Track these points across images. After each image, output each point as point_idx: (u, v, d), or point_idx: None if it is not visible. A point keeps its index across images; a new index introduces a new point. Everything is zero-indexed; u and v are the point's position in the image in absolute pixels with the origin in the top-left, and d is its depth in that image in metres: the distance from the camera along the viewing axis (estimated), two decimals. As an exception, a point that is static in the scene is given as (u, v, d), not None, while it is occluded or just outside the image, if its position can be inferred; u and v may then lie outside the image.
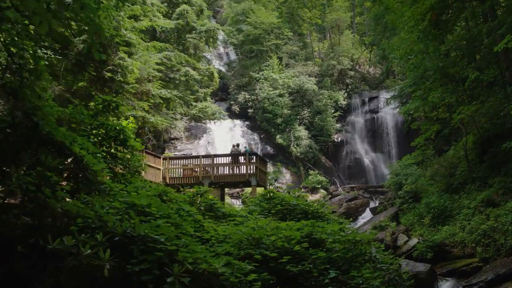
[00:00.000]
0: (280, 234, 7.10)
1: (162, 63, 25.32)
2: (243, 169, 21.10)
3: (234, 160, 21.58)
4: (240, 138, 44.53)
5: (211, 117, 33.24)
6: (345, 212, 29.49)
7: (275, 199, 12.02)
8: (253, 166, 21.03)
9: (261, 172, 21.54)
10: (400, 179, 26.11)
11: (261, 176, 21.51)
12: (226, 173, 21.22)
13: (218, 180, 21.23)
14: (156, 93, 21.80)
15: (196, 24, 29.52)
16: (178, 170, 22.03)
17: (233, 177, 21.19)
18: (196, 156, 22.81)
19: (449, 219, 19.76)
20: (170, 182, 21.29)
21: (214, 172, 21.25)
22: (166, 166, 21.77)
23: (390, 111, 42.21)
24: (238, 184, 22.30)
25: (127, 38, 19.41)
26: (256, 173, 20.76)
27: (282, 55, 50.07)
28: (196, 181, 21.13)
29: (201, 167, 21.36)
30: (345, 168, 43.13)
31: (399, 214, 24.55)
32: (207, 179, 20.96)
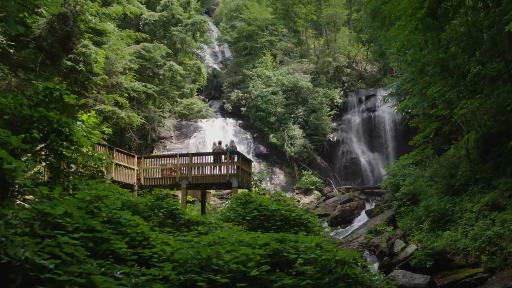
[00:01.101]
0: (238, 251, 5.53)
1: (141, 55, 23.70)
2: (224, 169, 19.51)
3: (215, 159, 20.01)
4: (232, 137, 43.02)
5: (197, 114, 31.64)
6: (339, 215, 27.93)
7: (252, 203, 10.44)
8: (234, 166, 19.45)
9: (244, 172, 19.95)
10: (398, 180, 24.56)
11: (244, 177, 19.93)
12: (206, 174, 19.60)
13: (197, 181, 19.57)
14: (129, 86, 20.13)
15: (182, 16, 27.88)
16: (155, 170, 20.42)
17: (212, 178, 19.56)
18: (172, 155, 21.13)
19: (450, 223, 18.18)
20: (146, 183, 19.71)
21: (192, 173, 19.62)
22: (141, 166, 20.17)
23: (388, 109, 40.91)
24: (218, 186, 20.69)
25: (93, 24, 17.78)
26: (238, 174, 19.15)
27: (276, 52, 48.55)
28: (173, 182, 19.54)
29: (178, 167, 19.74)
30: (341, 169, 41.71)
31: (396, 217, 22.99)
32: (185, 180, 19.32)
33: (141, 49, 23.18)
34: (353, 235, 24.15)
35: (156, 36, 28.47)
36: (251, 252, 5.41)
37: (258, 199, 10.62)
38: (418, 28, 19.00)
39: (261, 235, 6.93)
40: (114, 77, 19.49)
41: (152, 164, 20.51)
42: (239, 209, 10.40)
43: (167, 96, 27.37)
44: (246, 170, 20.16)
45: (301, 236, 6.52)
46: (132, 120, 21.58)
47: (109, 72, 19.45)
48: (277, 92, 43.34)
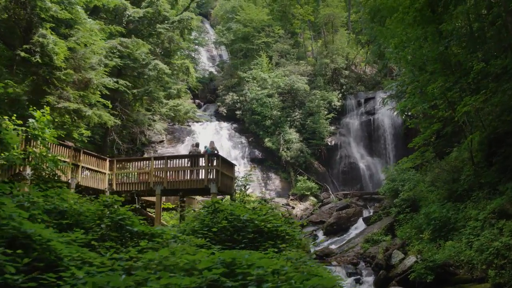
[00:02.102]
0: (165, 280, 4.04)
1: (120, 52, 22.22)
2: (202, 174, 17.93)
3: (192, 163, 18.42)
4: (226, 142, 41.72)
5: (184, 116, 30.10)
6: (335, 222, 26.37)
7: (221, 212, 8.93)
8: (213, 170, 17.80)
9: (224, 177, 18.40)
10: (396, 185, 23.02)
11: (225, 182, 18.37)
12: (182, 179, 18.02)
13: (172, 186, 17.97)
14: (98, 82, 18.59)
15: (168, 13, 26.47)
16: (128, 174, 18.89)
17: (189, 183, 17.91)
18: (146, 158, 19.61)
19: (453, 232, 16.63)
20: (118, 188, 18.18)
21: (167, 177, 18.09)
22: (113, 170, 18.62)
23: (388, 112, 39.42)
24: (195, 192, 19.12)
25: (53, 12, 16.26)
26: (217, 179, 17.53)
27: (272, 54, 47.16)
28: (147, 188, 18.01)
29: (153, 171, 18.20)
30: (339, 174, 40.23)
31: (395, 225, 21.46)
32: (159, 186, 17.74)
33: (118, 45, 21.72)
34: (349, 244, 22.63)
35: (143, 34, 27.07)
36: (178, 282, 3.91)
37: (228, 207, 9.10)
38: (417, 20, 17.59)
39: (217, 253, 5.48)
40: (82, 73, 17.99)
41: (125, 168, 18.99)
42: (207, 219, 8.89)
43: (152, 97, 25.84)
44: (227, 175, 18.58)
45: (260, 257, 5.00)
46: (104, 120, 20.07)
47: (77, 67, 18.00)
48: (272, 95, 41.94)
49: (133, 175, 18.73)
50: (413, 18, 17.08)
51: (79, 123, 19.37)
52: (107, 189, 17.90)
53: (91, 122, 19.30)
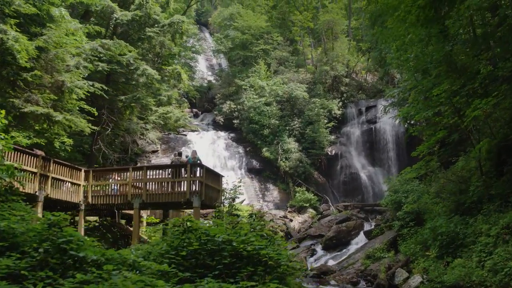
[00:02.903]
0: None
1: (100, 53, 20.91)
2: (184, 186, 16.45)
3: (174, 174, 16.93)
4: (223, 151, 40.49)
5: (175, 124, 28.80)
6: (334, 236, 24.90)
7: (193, 232, 7.57)
8: (196, 182, 16.33)
9: (209, 189, 16.94)
10: (399, 197, 21.59)
11: (210, 195, 16.89)
12: (162, 191, 16.57)
13: (152, 199, 16.56)
14: (72, 85, 17.23)
15: (159, 17, 25.28)
16: (107, 186, 17.49)
17: (170, 196, 16.43)
18: (123, 169, 18.13)
19: (461, 249, 15.18)
20: (94, 201, 16.81)
21: (146, 190, 16.70)
22: (89, 181, 17.24)
23: (389, 121, 38.14)
24: (177, 206, 17.68)
25: (16, 6, 14.93)
26: (201, 191, 16.05)
27: (271, 61, 46.00)
28: (125, 201, 16.60)
29: (131, 183, 16.82)
30: (340, 184, 38.87)
31: (398, 240, 20.00)
32: (138, 199, 16.35)
33: (99, 47, 20.45)
34: (349, 260, 21.17)
35: (133, 39, 25.88)
36: None
37: (202, 226, 7.73)
38: (420, 19, 16.27)
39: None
40: (55, 75, 16.69)
41: (102, 179, 17.59)
42: (176, 241, 7.52)
43: (141, 104, 24.56)
44: (212, 187, 17.13)
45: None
46: (81, 127, 18.76)
47: (49, 69, 16.72)
48: (271, 103, 40.73)
49: (110, 186, 17.32)
50: (416, 17, 15.79)
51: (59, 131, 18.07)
52: (81, 202, 16.55)
53: (61, 129, 17.95)
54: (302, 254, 23.61)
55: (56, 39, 16.60)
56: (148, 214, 19.71)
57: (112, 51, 20.97)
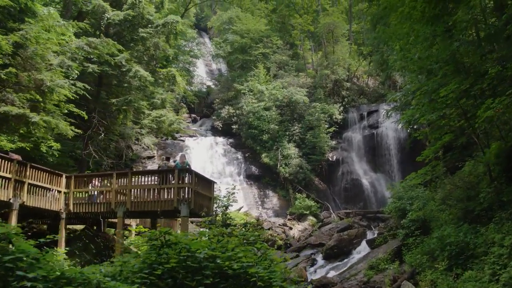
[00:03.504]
0: None
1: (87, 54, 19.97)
2: (171, 193, 15.25)
3: (161, 180, 15.77)
4: (221, 157, 39.54)
5: (169, 128, 27.81)
6: (336, 245, 23.81)
7: (172, 247, 6.56)
8: (185, 189, 15.18)
9: (200, 196, 15.81)
10: (404, 204, 20.51)
11: (200, 203, 15.73)
12: (148, 199, 15.46)
13: (137, 207, 15.47)
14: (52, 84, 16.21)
15: (152, 17, 24.38)
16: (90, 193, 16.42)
17: (156, 204, 15.24)
18: (107, 174, 17.00)
19: (472, 260, 14.13)
20: (76, 209, 15.78)
21: (131, 197, 15.65)
22: (71, 187, 16.20)
23: (392, 125, 37.28)
24: (165, 214, 16.56)
25: None
26: (190, 199, 14.88)
27: (270, 65, 45.09)
28: (108, 209, 15.55)
29: (114, 190, 15.79)
30: (341, 191, 37.83)
31: (403, 249, 18.91)
32: (122, 207, 15.29)
33: (86, 45, 19.50)
34: (351, 271, 20.10)
35: (126, 40, 24.96)
36: None
37: (183, 240, 6.71)
38: (425, 15, 15.31)
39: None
40: (33, 73, 15.72)
41: (83, 185, 16.53)
42: (151, 257, 6.50)
43: (133, 107, 23.59)
44: (203, 194, 16.04)
45: None
46: (62, 130, 17.76)
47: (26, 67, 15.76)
48: (270, 108, 39.81)
49: (94, 193, 16.26)
50: (421, 13, 14.85)
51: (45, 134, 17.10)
52: (62, 210, 15.53)
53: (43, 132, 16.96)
54: (302, 264, 22.56)
55: (35, 35, 15.63)
56: (137, 222, 18.70)
57: (99, 50, 20.02)
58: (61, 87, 16.66)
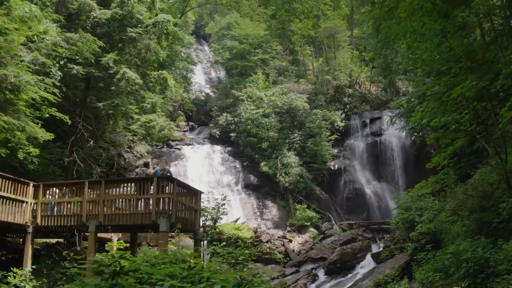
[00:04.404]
0: None
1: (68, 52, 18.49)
2: (150, 205, 13.37)
3: (140, 190, 13.87)
4: (218, 166, 38.03)
5: (159, 134, 26.31)
6: (338, 260, 22.21)
7: (128, 276, 5.03)
8: (165, 200, 13.28)
9: (182, 209, 14.05)
10: (412, 215, 18.92)
11: (183, 216, 13.97)
12: (124, 211, 13.59)
13: (111, 221, 13.65)
14: (15, 80, 14.65)
15: (142, 16, 22.97)
16: (59, 204, 14.77)
17: (132, 217, 13.40)
18: (78, 182, 15.25)
19: (493, 279, 12.53)
20: (44, 222, 14.18)
21: (105, 209, 13.89)
22: (39, 197, 14.60)
23: (396, 133, 35.96)
24: (143, 229, 14.92)
25: None
26: (171, 211, 13.08)
27: (269, 71, 43.75)
28: (79, 223, 13.93)
29: (86, 201, 14.23)
30: (343, 201, 36.34)
31: (412, 265, 17.30)
32: (94, 220, 13.66)
33: (63, 41, 18.03)
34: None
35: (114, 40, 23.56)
36: None
37: (142, 267, 5.18)
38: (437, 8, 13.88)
39: None
40: None
41: (53, 195, 14.91)
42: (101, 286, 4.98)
43: (119, 111, 22.12)
44: (187, 206, 14.39)
45: None
46: (32, 133, 16.26)
47: None
48: (269, 115, 38.42)
49: (50, 205, 14.59)
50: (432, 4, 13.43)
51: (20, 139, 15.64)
52: (29, 223, 13.95)
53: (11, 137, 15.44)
54: (302, 281, 20.95)
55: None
56: (120, 236, 17.11)
57: (78, 46, 18.60)
58: (28, 84, 15.08)
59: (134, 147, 29.29)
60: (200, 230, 14.13)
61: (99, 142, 26.79)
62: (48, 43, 17.34)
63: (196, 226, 14.58)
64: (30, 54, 16.39)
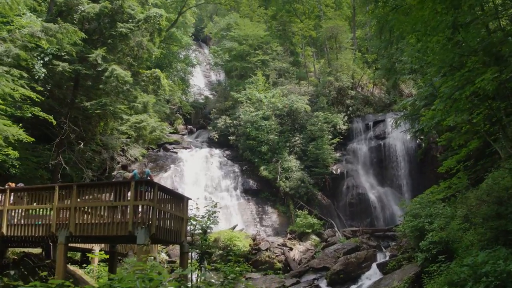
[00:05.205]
0: None
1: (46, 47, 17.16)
2: (127, 214, 11.74)
3: (116, 196, 12.16)
4: (216, 170, 36.75)
5: (150, 136, 24.99)
6: (342, 270, 20.82)
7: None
8: (144, 208, 11.69)
9: (165, 218, 12.50)
10: (422, 223, 17.53)
11: (165, 226, 12.37)
12: (97, 220, 11.93)
13: (83, 231, 12.05)
14: None
15: (134, 11, 21.70)
16: (29, 211, 13.27)
17: (106, 227, 11.75)
18: (48, 187, 13.66)
19: (518, 296, 11.18)
20: (11, 232, 12.76)
21: (76, 218, 12.10)
22: (5, 204, 13.17)
23: (400, 136, 34.79)
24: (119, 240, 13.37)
25: None
26: (151, 220, 11.43)
27: (269, 73, 42.53)
28: (48, 233, 12.47)
29: (56, 208, 12.55)
30: (346, 206, 35.08)
31: (423, 277, 15.92)
32: (64, 231, 12.15)
33: (40, 32, 16.62)
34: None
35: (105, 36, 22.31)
36: None
37: None
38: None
39: None
40: None
41: (21, 202, 13.45)
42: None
43: (108, 111, 20.82)
44: (172, 214, 12.74)
45: None
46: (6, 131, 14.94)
47: None
48: (269, 117, 37.17)
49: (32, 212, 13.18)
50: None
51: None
52: (-8, 234, 12.57)
53: None
54: (303, 292, 19.59)
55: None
56: (102, 247, 15.67)
57: (58, 38, 17.30)
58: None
59: (128, 150, 27.96)
60: (187, 242, 12.65)
61: (91, 144, 25.56)
62: (25, 34, 16.02)
63: (182, 237, 13.03)
64: (2, 45, 15.15)
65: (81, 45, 19.25)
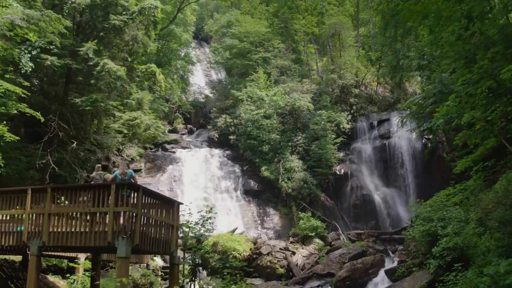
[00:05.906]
0: None
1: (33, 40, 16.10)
2: (107, 221, 10.33)
3: (96, 200, 10.73)
4: (216, 171, 35.70)
5: (145, 134, 23.92)
6: (348, 276, 19.67)
7: None
8: (126, 215, 10.19)
9: (152, 225, 11.09)
10: (435, 227, 16.38)
11: (152, 235, 10.97)
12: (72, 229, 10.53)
13: (57, 242, 10.74)
14: None
15: (128, 3, 20.62)
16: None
17: (83, 237, 10.43)
18: (19, 190, 12.30)
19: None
20: None
21: (50, 227, 10.78)
22: None
23: (405, 135, 33.81)
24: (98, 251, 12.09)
25: None
26: (134, 229, 10.10)
27: (271, 70, 41.47)
28: (19, 243, 11.21)
29: (27, 214, 11.17)
30: (350, 208, 34.02)
31: (437, 287, 14.79)
32: (37, 240, 10.74)
33: (20, 20, 15.44)
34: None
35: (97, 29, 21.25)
36: None
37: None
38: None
39: None
40: None
41: None
42: None
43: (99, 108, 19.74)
44: (160, 221, 11.36)
45: None
46: None
47: None
48: (271, 116, 36.09)
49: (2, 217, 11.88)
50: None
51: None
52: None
53: None
54: (307, 301, 18.49)
55: None
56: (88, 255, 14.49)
57: (40, 26, 16.17)
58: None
59: (124, 149, 26.89)
60: (177, 252, 11.36)
61: (85, 143, 24.52)
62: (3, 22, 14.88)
63: (172, 247, 11.67)
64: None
65: (72, 38, 18.21)
